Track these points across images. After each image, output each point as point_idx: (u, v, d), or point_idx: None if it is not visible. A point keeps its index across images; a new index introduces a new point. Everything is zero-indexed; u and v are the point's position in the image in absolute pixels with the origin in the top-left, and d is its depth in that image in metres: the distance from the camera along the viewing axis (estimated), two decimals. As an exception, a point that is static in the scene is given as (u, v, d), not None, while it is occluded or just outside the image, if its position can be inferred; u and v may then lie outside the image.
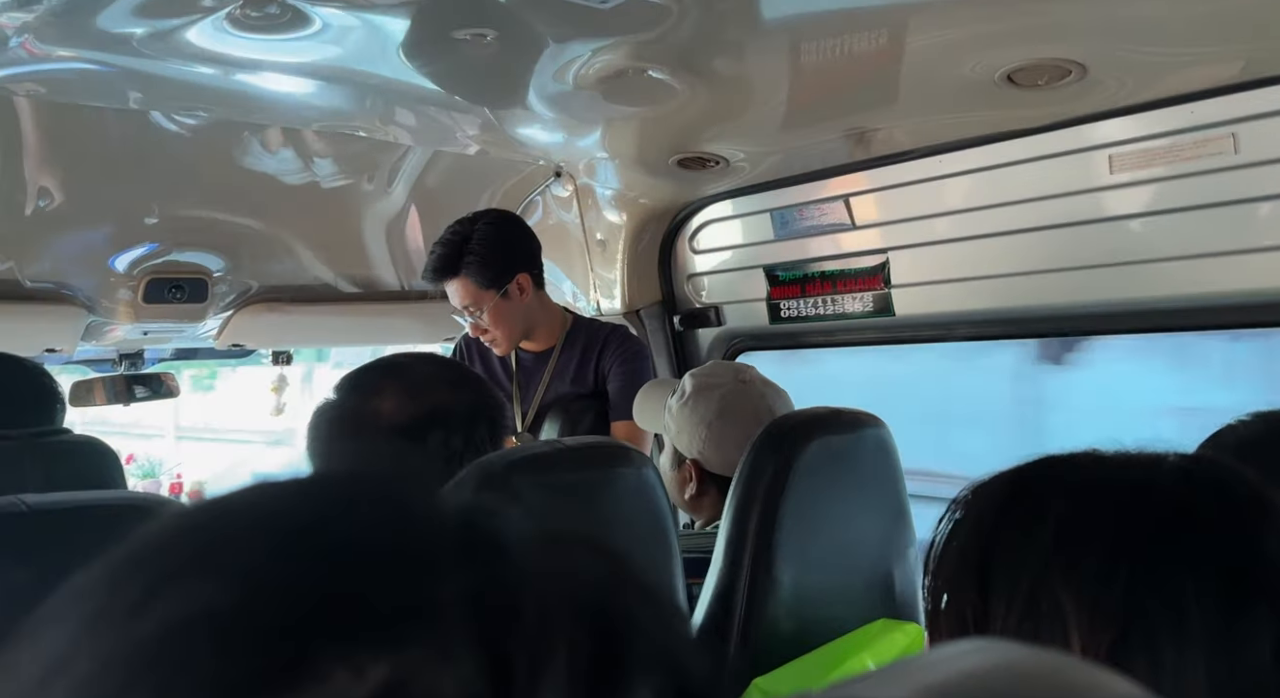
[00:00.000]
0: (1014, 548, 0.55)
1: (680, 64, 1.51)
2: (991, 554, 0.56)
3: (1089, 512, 0.55)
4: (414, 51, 1.44)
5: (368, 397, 1.07)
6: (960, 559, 0.58)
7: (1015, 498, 0.58)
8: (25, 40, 1.31)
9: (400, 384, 1.08)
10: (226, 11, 1.21)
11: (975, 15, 1.31)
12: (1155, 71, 1.44)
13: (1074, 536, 0.54)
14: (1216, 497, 0.55)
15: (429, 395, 1.07)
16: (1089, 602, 0.52)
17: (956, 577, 0.58)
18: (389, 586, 0.23)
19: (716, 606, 1.27)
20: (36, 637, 0.24)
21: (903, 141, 1.82)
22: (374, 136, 2.08)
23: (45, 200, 1.99)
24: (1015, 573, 0.54)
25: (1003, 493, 0.59)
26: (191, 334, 2.41)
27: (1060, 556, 0.53)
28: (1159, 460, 0.57)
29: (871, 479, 1.40)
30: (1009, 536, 0.56)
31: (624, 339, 2.16)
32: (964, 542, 0.58)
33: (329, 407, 1.08)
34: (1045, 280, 1.73)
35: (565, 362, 2.13)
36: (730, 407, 1.51)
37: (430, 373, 1.13)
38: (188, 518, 0.27)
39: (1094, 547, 0.53)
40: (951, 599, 0.57)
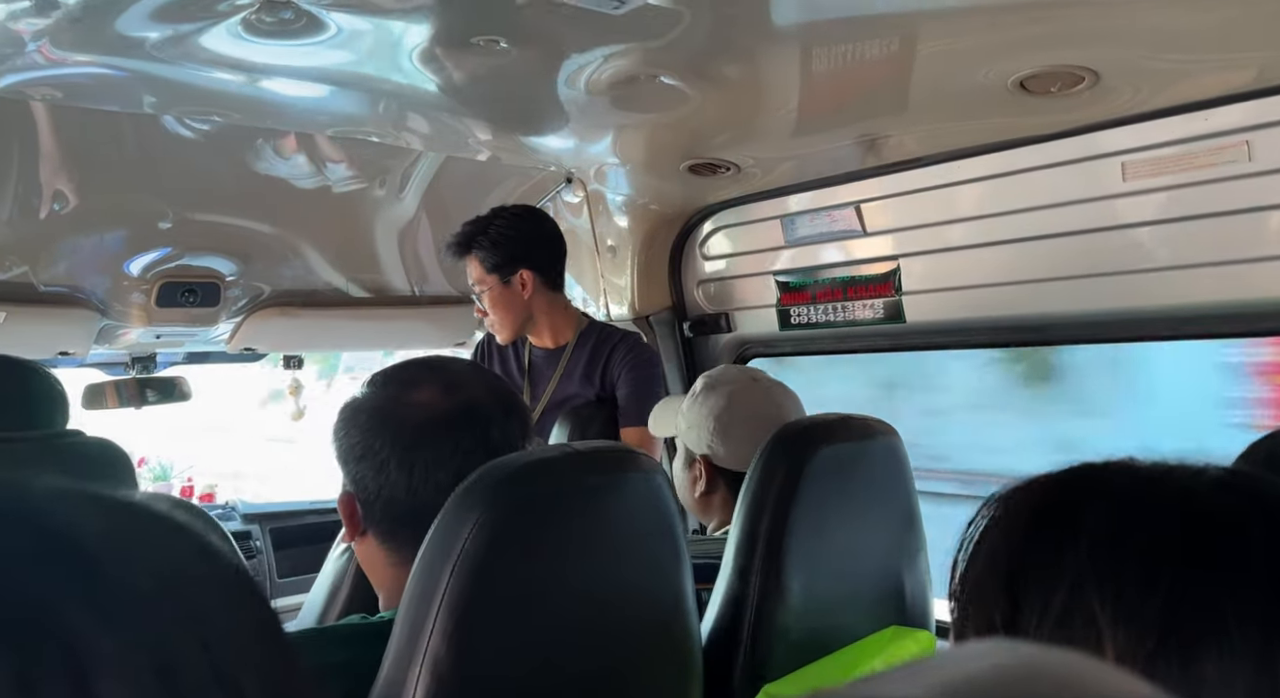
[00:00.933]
0: (1048, 556, 0.54)
1: (692, 70, 1.51)
2: (1024, 562, 0.55)
3: (1126, 523, 0.54)
4: (427, 58, 1.45)
5: (403, 389, 1.06)
6: (990, 564, 0.57)
7: (1050, 505, 0.57)
8: (42, 45, 1.33)
9: (436, 378, 1.07)
10: (241, 17, 1.22)
11: (987, 22, 1.31)
12: (1168, 79, 1.44)
13: (1111, 546, 0.53)
14: (1256, 508, 0.54)
15: (464, 390, 1.07)
16: (1125, 615, 0.51)
17: (986, 582, 0.57)
18: None
19: (726, 612, 1.27)
20: None
21: (914, 148, 1.82)
22: (386, 142, 2.09)
23: (60, 204, 2.01)
24: (1048, 583, 0.53)
25: (1037, 499, 0.58)
26: (203, 338, 2.42)
27: (1096, 566, 0.52)
28: (1198, 472, 0.56)
29: (882, 486, 1.40)
30: (1043, 544, 0.55)
31: (634, 346, 2.17)
32: (995, 547, 0.57)
33: (362, 399, 1.07)
34: (1057, 288, 1.72)
35: (574, 362, 2.15)
36: (739, 401, 1.53)
37: (465, 369, 1.13)
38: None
39: (1131, 559, 0.52)
40: (980, 604, 0.56)
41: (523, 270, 2.07)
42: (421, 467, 1.01)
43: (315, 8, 1.22)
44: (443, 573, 0.88)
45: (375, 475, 1.02)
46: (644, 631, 1.07)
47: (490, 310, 2.10)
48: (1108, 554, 0.53)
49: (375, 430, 1.04)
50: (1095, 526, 0.54)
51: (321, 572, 1.61)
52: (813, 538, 1.29)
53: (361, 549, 1.08)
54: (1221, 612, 0.50)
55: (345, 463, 1.06)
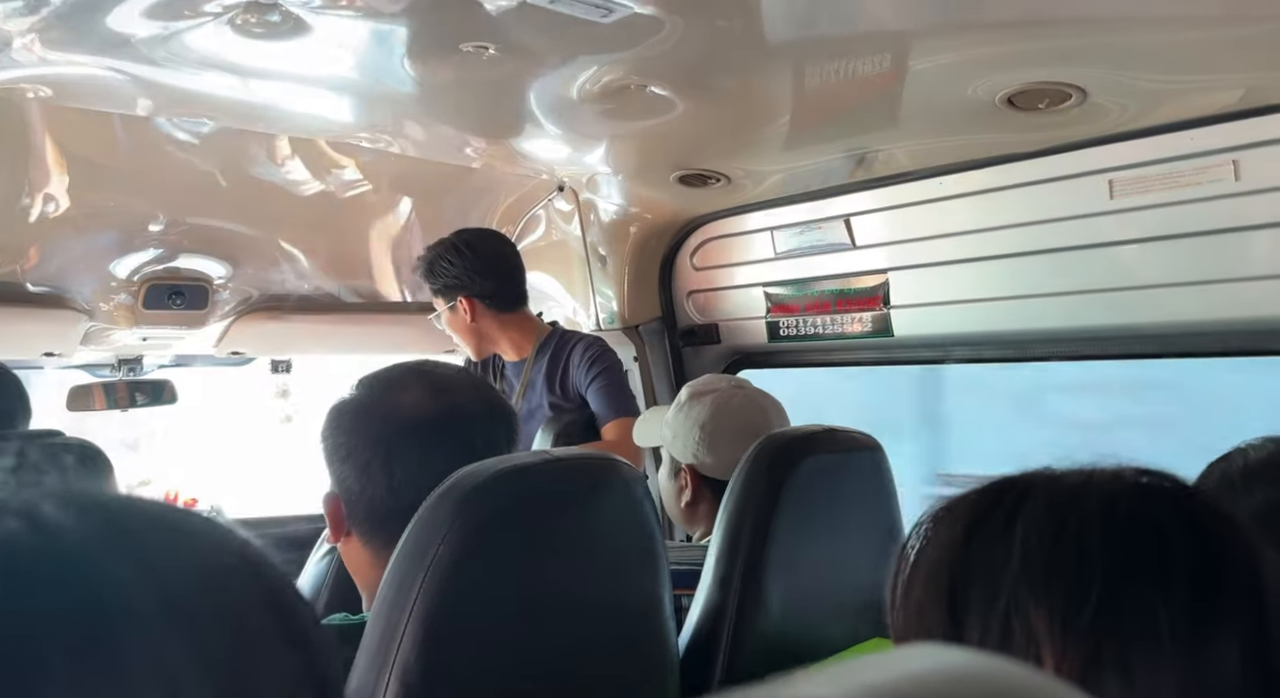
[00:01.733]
0: (983, 572, 0.55)
1: (683, 81, 1.51)
2: (960, 578, 0.56)
3: (1053, 536, 0.55)
4: (417, 63, 1.45)
5: (389, 391, 1.06)
6: (929, 583, 0.58)
7: (976, 525, 0.58)
8: (30, 41, 1.33)
9: (422, 381, 1.07)
10: (229, 18, 1.22)
11: (976, 39, 1.32)
12: (1156, 97, 1.45)
13: (1040, 560, 0.54)
14: (1175, 514, 0.55)
15: (449, 394, 1.06)
16: (1060, 626, 0.52)
17: (926, 601, 0.58)
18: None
19: (704, 622, 1.26)
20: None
21: (904, 163, 1.82)
22: (379, 148, 2.09)
23: (50, 205, 2.00)
24: (986, 597, 0.55)
25: (965, 517, 0.59)
26: (191, 341, 2.42)
27: (1029, 580, 0.54)
28: (1116, 477, 0.58)
29: (864, 499, 1.39)
30: (976, 560, 0.56)
31: (589, 345, 2.19)
32: (930, 572, 0.58)
33: (349, 401, 1.06)
34: (1045, 304, 1.73)
35: (535, 371, 2.19)
36: (724, 410, 1.52)
37: (452, 374, 1.13)
38: None
39: (1061, 570, 0.53)
40: (921, 623, 0.57)
41: (461, 297, 2.17)
42: (403, 468, 1.01)
43: (303, 10, 1.22)
44: (415, 580, 0.87)
45: (359, 476, 1.02)
46: (620, 640, 1.07)
47: (447, 330, 2.22)
48: (1039, 567, 0.54)
49: (359, 431, 1.04)
50: (1025, 540, 0.55)
51: (303, 573, 1.60)
52: (794, 549, 1.28)
53: (346, 550, 1.08)
54: (1153, 618, 0.51)
55: (331, 463, 1.06)
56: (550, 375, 2.17)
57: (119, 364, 2.41)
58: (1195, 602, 0.51)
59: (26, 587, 0.26)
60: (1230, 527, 0.55)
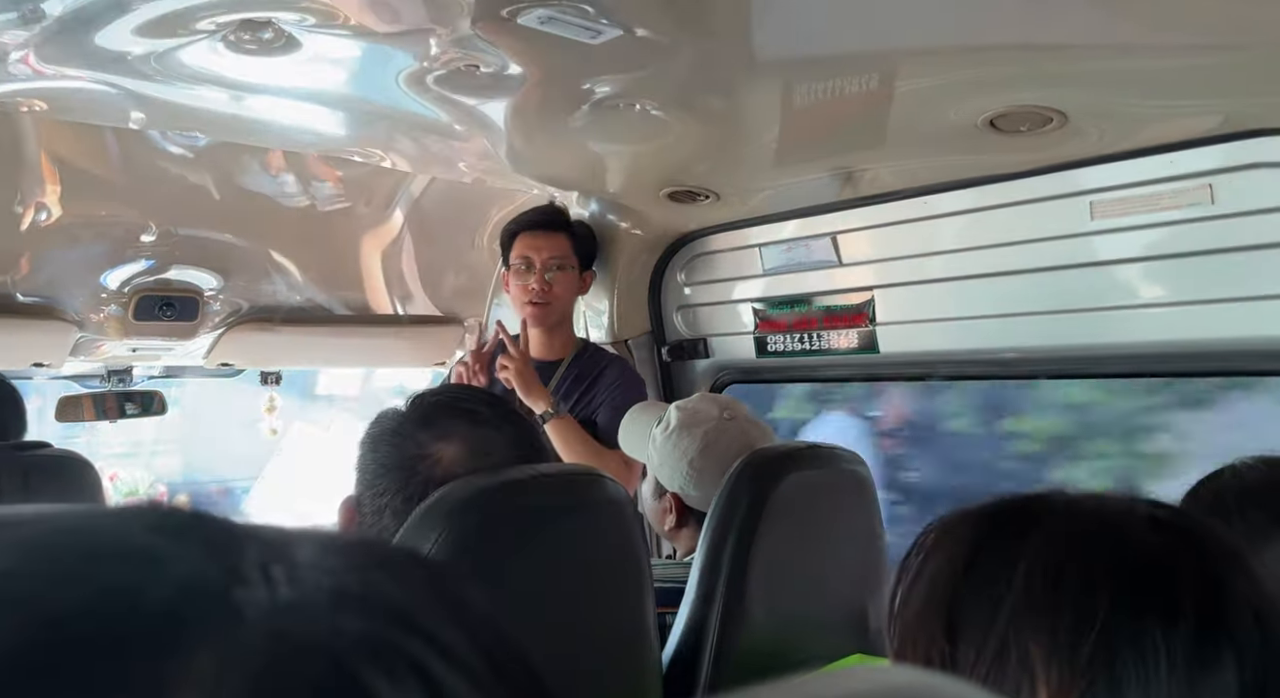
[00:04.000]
0: (983, 596, 0.55)
1: (672, 100, 1.53)
2: (959, 601, 0.56)
3: (1060, 563, 0.55)
4: (410, 80, 1.46)
5: (433, 439, 1.03)
6: (927, 603, 0.58)
7: (986, 541, 0.57)
8: (25, 56, 1.34)
9: (467, 436, 1.04)
10: (222, 35, 1.23)
11: (959, 62, 1.34)
12: (1135, 121, 1.47)
13: (1044, 587, 0.54)
14: (1186, 548, 0.55)
15: (490, 458, 1.03)
16: (1058, 655, 0.52)
17: (922, 620, 0.57)
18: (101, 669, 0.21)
19: (688, 638, 1.27)
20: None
21: (889, 182, 1.85)
22: (371, 162, 2.11)
23: (42, 215, 2.01)
24: (984, 622, 0.54)
25: (970, 537, 0.58)
26: (181, 352, 2.42)
27: (1031, 606, 0.53)
28: (1130, 508, 0.57)
29: (847, 515, 1.40)
30: (977, 583, 0.56)
31: (623, 371, 2.21)
32: (930, 585, 0.58)
33: (395, 425, 1.05)
34: (1028, 323, 1.75)
35: (564, 379, 2.17)
36: (713, 444, 1.51)
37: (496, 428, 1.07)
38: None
39: (1065, 600, 0.53)
40: (917, 642, 0.57)
41: (586, 272, 2.22)
42: None
43: (296, 29, 1.23)
44: (399, 592, 0.88)
45: (373, 510, 1.02)
46: (603, 656, 1.08)
47: (556, 288, 2.15)
48: (1042, 594, 0.53)
49: (389, 470, 1.02)
50: (1030, 565, 0.54)
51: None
52: (777, 565, 1.30)
53: None
54: (1151, 653, 0.51)
55: (359, 478, 1.05)
56: (574, 388, 2.15)
57: (108, 375, 2.41)
58: (1198, 642, 0.51)
59: None
60: (1240, 568, 0.54)
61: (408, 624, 0.24)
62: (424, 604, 0.25)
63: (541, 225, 2.15)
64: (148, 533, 0.25)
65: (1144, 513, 0.57)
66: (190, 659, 0.22)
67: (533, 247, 2.14)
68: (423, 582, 0.26)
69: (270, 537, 0.26)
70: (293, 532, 0.26)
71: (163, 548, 0.24)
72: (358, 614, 0.24)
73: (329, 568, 0.25)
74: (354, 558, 0.26)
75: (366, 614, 0.24)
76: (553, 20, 1.17)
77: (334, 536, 0.27)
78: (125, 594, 0.23)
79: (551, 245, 2.14)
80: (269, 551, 0.25)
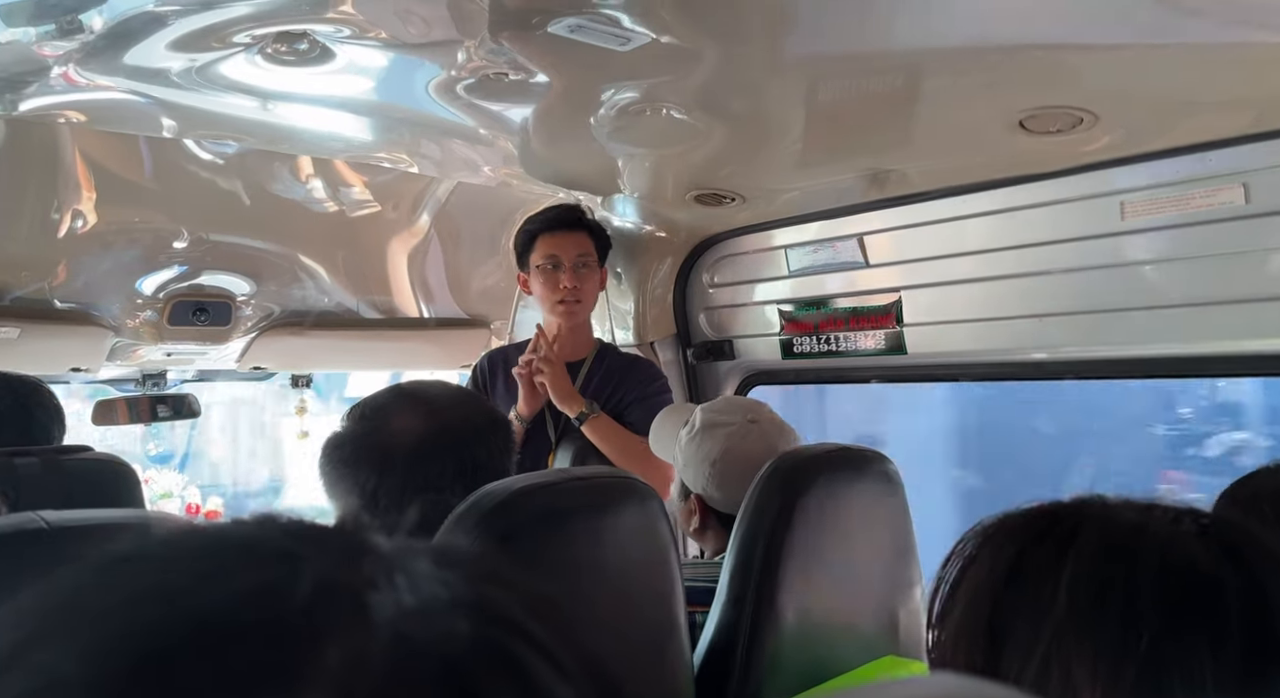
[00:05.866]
0: (1026, 609, 0.54)
1: (698, 104, 1.54)
2: (1001, 613, 0.55)
3: (1105, 577, 0.54)
4: (440, 89, 1.48)
5: (382, 419, 1.09)
6: (970, 611, 0.57)
7: (1024, 554, 0.57)
8: (66, 70, 1.37)
9: (410, 405, 1.10)
10: (259, 48, 1.25)
11: (988, 62, 1.34)
12: (1166, 120, 1.46)
13: (1088, 603, 0.53)
14: (1233, 562, 0.54)
15: (439, 415, 1.09)
16: (1104, 671, 0.51)
17: (966, 628, 0.57)
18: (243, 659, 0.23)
19: (719, 640, 1.28)
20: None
21: (917, 182, 1.84)
22: (399, 168, 2.13)
23: (78, 223, 2.05)
24: (1027, 637, 0.53)
25: (1013, 546, 0.58)
26: (214, 356, 2.46)
27: (1074, 623, 0.53)
28: (1177, 519, 0.56)
29: (877, 517, 1.40)
30: (1020, 595, 0.55)
31: (648, 371, 2.22)
32: (973, 594, 0.57)
33: (343, 432, 1.10)
34: (1057, 323, 1.73)
35: (589, 379, 2.16)
36: (735, 447, 1.51)
37: (439, 394, 1.16)
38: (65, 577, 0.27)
39: (1110, 617, 0.52)
40: (959, 649, 0.57)
41: (603, 269, 2.19)
42: (411, 492, 1.03)
43: (330, 41, 1.25)
44: (437, 596, 0.89)
45: (367, 505, 1.05)
46: (636, 657, 1.09)
47: (584, 287, 2.14)
48: (1086, 611, 0.53)
49: (359, 463, 1.07)
50: (1074, 578, 0.54)
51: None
52: (807, 567, 1.30)
53: None
54: (1199, 669, 0.50)
55: (334, 497, 1.09)
56: (600, 389, 2.14)
57: (143, 379, 2.45)
58: (1245, 662, 0.50)
59: None
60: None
61: (516, 631, 0.26)
62: (528, 613, 0.27)
63: (565, 223, 2.14)
64: (286, 538, 0.27)
65: (1190, 526, 0.55)
66: (322, 654, 0.23)
67: (558, 246, 2.13)
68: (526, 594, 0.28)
69: (393, 547, 0.28)
70: (412, 544, 0.29)
71: (300, 552, 0.26)
72: (471, 621, 0.26)
73: (445, 579, 0.27)
74: (467, 570, 0.28)
75: (479, 621, 0.26)
76: (582, 29, 1.18)
77: (448, 549, 0.29)
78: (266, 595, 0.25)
79: (577, 243, 2.13)
80: (393, 560, 0.27)
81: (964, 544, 0.60)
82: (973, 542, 0.60)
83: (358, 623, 0.25)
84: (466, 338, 2.69)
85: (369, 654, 0.24)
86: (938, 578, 0.61)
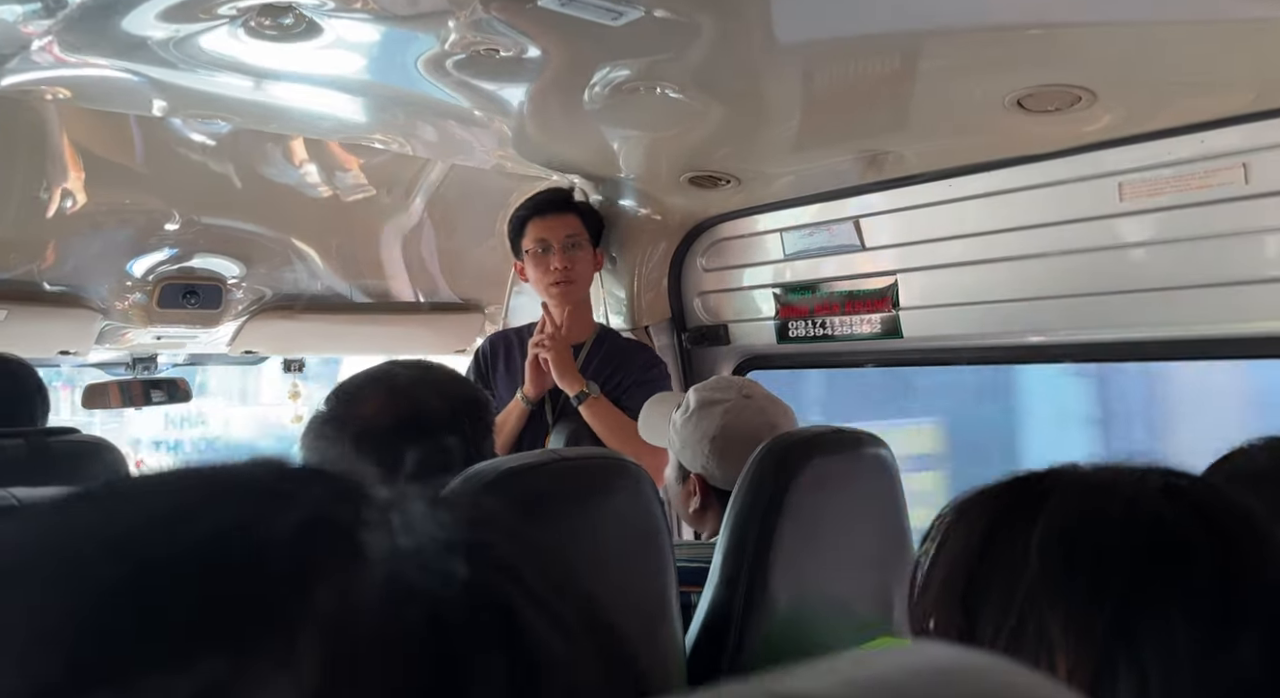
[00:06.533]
0: (998, 575, 0.55)
1: (693, 83, 1.52)
2: (976, 579, 0.56)
3: (1074, 536, 0.55)
4: (430, 66, 1.46)
5: (351, 403, 1.09)
6: (944, 586, 0.58)
7: (996, 523, 0.57)
8: (48, 43, 1.34)
9: (382, 388, 1.10)
10: (243, 20, 1.23)
11: (986, 40, 1.32)
12: (1165, 100, 1.45)
13: (1058, 561, 0.54)
14: (1199, 518, 0.54)
15: (410, 397, 1.09)
16: (1075, 627, 0.52)
17: (942, 601, 0.57)
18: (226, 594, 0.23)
19: (711, 620, 1.27)
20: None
21: (914, 164, 1.82)
22: (392, 149, 2.11)
23: (67, 204, 2.03)
24: (1001, 599, 0.54)
25: (988, 513, 0.58)
26: (205, 340, 2.44)
27: (1045, 581, 0.53)
28: (1142, 477, 0.57)
29: (871, 499, 1.40)
30: (993, 561, 0.56)
31: (649, 358, 2.22)
32: (947, 568, 0.58)
33: (319, 417, 1.10)
34: (1054, 306, 1.72)
35: (589, 361, 2.16)
36: (733, 423, 1.51)
37: (413, 377, 1.15)
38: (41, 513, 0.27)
39: (1080, 573, 0.53)
40: (938, 623, 0.57)
41: (598, 249, 2.21)
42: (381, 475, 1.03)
43: (317, 14, 1.23)
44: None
45: None
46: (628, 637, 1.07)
47: (577, 267, 2.14)
48: (1056, 568, 0.53)
49: (333, 446, 1.08)
50: (1044, 540, 0.54)
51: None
52: (800, 548, 1.29)
53: None
54: (1169, 623, 0.51)
55: None
56: (599, 372, 2.14)
57: (134, 363, 2.44)
58: (1215, 609, 0.51)
59: None
60: (1254, 532, 0.54)
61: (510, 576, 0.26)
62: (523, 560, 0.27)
63: (553, 206, 2.16)
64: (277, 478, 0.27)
65: (1157, 482, 0.56)
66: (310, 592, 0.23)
67: (547, 228, 2.14)
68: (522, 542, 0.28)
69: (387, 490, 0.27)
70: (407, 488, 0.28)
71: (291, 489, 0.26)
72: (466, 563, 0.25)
73: (441, 521, 0.26)
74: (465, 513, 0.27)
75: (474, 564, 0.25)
76: (573, 2, 1.16)
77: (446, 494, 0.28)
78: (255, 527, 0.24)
79: (565, 225, 2.14)
80: (388, 501, 0.26)
81: (941, 519, 0.61)
82: (950, 515, 0.60)
83: (349, 562, 0.24)
84: (460, 322, 2.67)
85: (360, 594, 0.23)
86: (917, 555, 0.61)
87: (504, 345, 2.27)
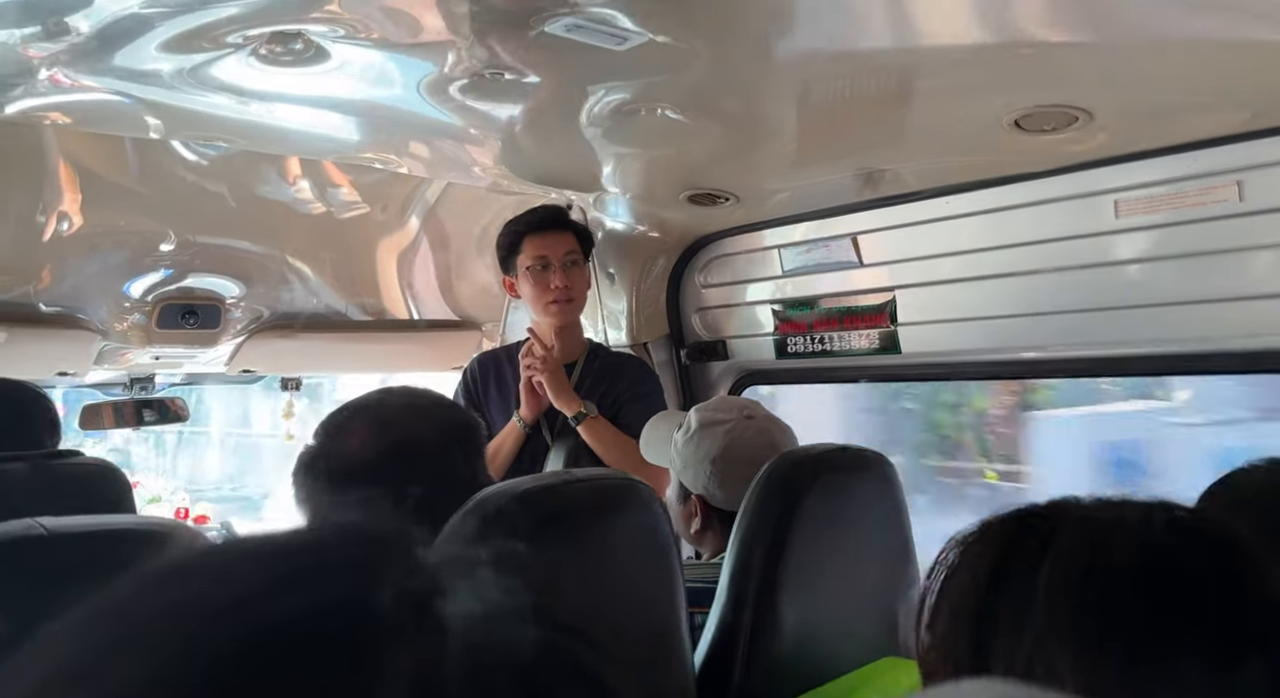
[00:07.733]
0: (1008, 613, 0.55)
1: (692, 103, 1.53)
2: (985, 616, 0.56)
3: (1083, 576, 0.55)
4: (434, 89, 1.47)
5: (340, 439, 1.09)
6: (954, 618, 0.58)
7: (1005, 559, 0.58)
8: (54, 72, 1.35)
9: (366, 420, 1.10)
10: (251, 48, 1.24)
11: (983, 61, 1.34)
12: (1161, 119, 1.46)
13: (1068, 602, 0.54)
14: (1209, 556, 0.55)
15: (394, 428, 1.09)
16: (1086, 667, 0.52)
17: (951, 635, 0.58)
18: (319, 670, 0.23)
19: (719, 641, 1.27)
20: None
21: (911, 182, 1.84)
22: (389, 168, 2.11)
23: (64, 225, 2.02)
24: (1010, 637, 0.55)
25: (994, 550, 0.59)
26: (203, 359, 2.43)
27: (1054, 621, 0.54)
28: (1149, 515, 0.57)
29: (876, 517, 1.40)
30: (1002, 600, 0.56)
31: (641, 371, 2.22)
32: (956, 601, 0.58)
33: (307, 455, 1.10)
34: (1051, 322, 1.74)
35: (582, 379, 2.16)
36: (735, 444, 1.52)
37: (396, 405, 1.15)
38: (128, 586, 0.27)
39: (1090, 611, 0.53)
40: (947, 656, 0.58)
41: (588, 267, 2.19)
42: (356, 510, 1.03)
43: (325, 40, 1.24)
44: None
45: None
46: (637, 659, 1.08)
47: (574, 285, 2.12)
48: (1066, 612, 0.54)
49: (323, 483, 1.08)
50: (1051, 581, 0.55)
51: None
52: (807, 568, 1.30)
53: None
54: (1179, 660, 0.51)
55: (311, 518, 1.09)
56: (593, 390, 2.13)
57: (131, 383, 2.43)
58: (1222, 643, 0.51)
59: None
60: (1261, 571, 0.54)
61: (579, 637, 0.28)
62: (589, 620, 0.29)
63: (552, 223, 2.14)
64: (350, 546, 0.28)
65: (1161, 518, 0.57)
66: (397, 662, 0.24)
67: (546, 246, 2.12)
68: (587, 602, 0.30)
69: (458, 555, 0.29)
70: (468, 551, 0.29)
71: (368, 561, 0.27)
72: (537, 627, 0.27)
73: (509, 587, 0.28)
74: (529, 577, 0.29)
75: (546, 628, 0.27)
76: (579, 28, 1.17)
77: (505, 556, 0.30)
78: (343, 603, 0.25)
79: (564, 242, 2.13)
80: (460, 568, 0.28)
81: (946, 553, 0.61)
82: (954, 550, 0.60)
83: (430, 631, 0.25)
84: (457, 340, 2.68)
85: (443, 662, 0.24)
86: (924, 586, 0.62)
87: (494, 365, 2.24)
